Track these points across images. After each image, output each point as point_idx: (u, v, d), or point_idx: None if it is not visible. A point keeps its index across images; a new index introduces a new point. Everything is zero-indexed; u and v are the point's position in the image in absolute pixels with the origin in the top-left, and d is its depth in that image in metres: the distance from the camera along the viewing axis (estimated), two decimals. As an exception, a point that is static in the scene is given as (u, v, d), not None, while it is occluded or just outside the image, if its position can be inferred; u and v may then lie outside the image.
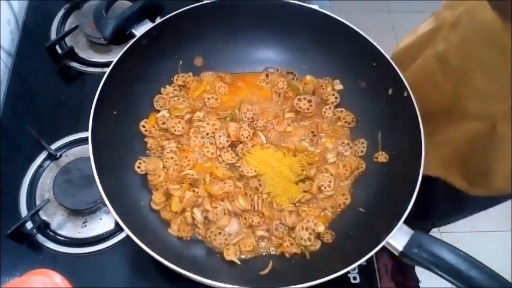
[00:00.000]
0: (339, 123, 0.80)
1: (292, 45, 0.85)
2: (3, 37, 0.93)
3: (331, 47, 0.82)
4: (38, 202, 0.76)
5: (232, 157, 0.76)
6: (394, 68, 0.73)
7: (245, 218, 0.71)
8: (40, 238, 0.74)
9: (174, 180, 0.73)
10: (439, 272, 0.57)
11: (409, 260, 0.59)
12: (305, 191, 0.73)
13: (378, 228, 0.63)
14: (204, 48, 0.84)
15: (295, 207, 0.72)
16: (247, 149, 0.76)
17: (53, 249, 0.73)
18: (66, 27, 0.98)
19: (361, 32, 0.76)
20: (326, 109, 0.81)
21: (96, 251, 0.73)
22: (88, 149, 0.64)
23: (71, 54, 0.93)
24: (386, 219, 0.63)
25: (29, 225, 0.74)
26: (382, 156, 0.75)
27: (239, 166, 0.75)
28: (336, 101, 0.82)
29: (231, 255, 0.68)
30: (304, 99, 0.80)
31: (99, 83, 0.69)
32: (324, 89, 0.82)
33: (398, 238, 0.60)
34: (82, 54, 0.94)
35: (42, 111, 0.88)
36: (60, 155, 0.81)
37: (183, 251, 0.68)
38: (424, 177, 0.64)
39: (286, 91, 0.82)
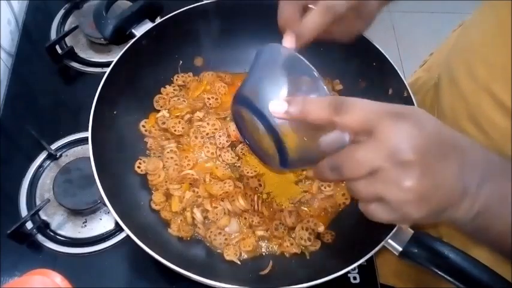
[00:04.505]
0: (339, 123, 0.80)
1: (292, 45, 0.85)
2: (3, 37, 0.93)
3: (331, 46, 0.81)
4: (38, 202, 0.76)
5: (232, 157, 0.76)
6: (394, 68, 0.73)
7: (245, 218, 0.71)
8: (40, 238, 0.74)
9: (174, 180, 0.73)
10: (439, 272, 0.57)
11: (409, 260, 0.59)
12: (305, 191, 0.73)
13: (378, 228, 0.63)
14: (204, 48, 0.84)
15: (295, 207, 0.72)
16: (247, 149, 0.76)
17: (53, 249, 0.73)
18: (66, 27, 0.98)
19: (361, 32, 0.76)
20: (326, 109, 0.81)
21: (96, 251, 0.73)
22: (88, 149, 0.64)
23: (71, 54, 0.93)
24: (387, 219, 0.63)
25: (29, 225, 0.74)
26: (382, 156, 0.75)
27: (239, 166, 0.75)
28: (336, 101, 0.81)
29: (231, 255, 0.68)
30: (304, 99, 0.80)
31: (99, 83, 0.69)
32: (324, 89, 0.82)
33: (398, 238, 0.59)
34: (82, 54, 0.94)
35: (42, 111, 0.88)
36: (60, 155, 0.81)
37: (183, 251, 0.68)
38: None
39: (286, 91, 0.82)
